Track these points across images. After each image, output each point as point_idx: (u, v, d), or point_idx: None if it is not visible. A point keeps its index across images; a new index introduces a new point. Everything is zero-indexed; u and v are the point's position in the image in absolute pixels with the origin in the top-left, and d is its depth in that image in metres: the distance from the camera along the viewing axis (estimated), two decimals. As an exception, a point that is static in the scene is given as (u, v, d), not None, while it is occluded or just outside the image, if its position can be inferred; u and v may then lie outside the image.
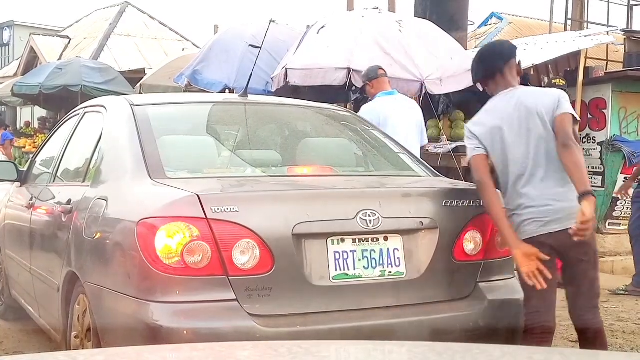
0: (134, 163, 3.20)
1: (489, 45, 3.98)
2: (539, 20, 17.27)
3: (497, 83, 3.54)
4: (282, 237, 2.82)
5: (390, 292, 3.02)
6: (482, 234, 3.21)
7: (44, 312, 3.97)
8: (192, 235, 2.72)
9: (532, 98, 3.42)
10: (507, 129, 3.37)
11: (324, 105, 4.58)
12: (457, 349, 1.74)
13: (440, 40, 8.05)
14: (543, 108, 3.34)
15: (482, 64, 3.63)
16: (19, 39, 28.72)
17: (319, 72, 7.48)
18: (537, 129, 3.33)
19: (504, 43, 3.87)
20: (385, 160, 4.02)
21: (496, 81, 3.55)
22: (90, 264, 3.20)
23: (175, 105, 4.17)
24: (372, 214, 2.95)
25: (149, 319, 2.71)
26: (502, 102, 3.47)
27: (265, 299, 2.79)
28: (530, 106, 3.36)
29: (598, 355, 2.35)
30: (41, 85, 13.17)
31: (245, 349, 1.76)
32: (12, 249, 4.73)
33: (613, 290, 6.29)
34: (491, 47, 3.87)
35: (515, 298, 3.28)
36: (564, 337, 4.78)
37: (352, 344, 2.08)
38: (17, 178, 4.70)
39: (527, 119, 3.35)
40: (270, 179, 3.44)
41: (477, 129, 3.47)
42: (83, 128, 4.12)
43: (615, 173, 8.78)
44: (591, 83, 8.97)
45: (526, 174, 3.32)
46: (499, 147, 3.39)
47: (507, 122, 3.39)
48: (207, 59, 9.70)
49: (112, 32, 19.38)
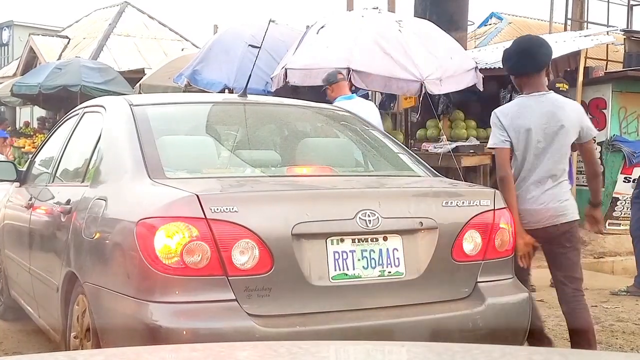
0: (133, 163, 3.20)
1: (536, 40, 3.97)
2: (539, 20, 17.28)
3: (534, 82, 3.77)
4: (281, 237, 2.82)
5: (390, 292, 3.01)
6: (482, 234, 3.21)
7: (43, 312, 3.97)
8: (191, 235, 2.72)
9: (561, 111, 3.73)
10: (534, 132, 3.70)
11: (324, 105, 4.58)
12: (456, 349, 1.74)
13: (440, 40, 8.05)
14: (570, 125, 3.71)
15: (527, 59, 3.76)
16: (18, 38, 28.71)
17: (319, 72, 7.48)
18: (559, 141, 3.71)
19: (547, 42, 3.90)
20: (384, 160, 4.02)
21: (533, 80, 3.77)
22: (89, 264, 3.20)
23: (175, 105, 4.17)
24: (372, 214, 2.95)
25: (148, 319, 2.71)
26: (535, 104, 3.74)
27: (264, 299, 2.78)
28: (560, 118, 3.70)
29: (598, 355, 2.35)
30: (40, 85, 13.17)
31: (245, 349, 1.76)
32: (11, 249, 4.73)
33: (614, 291, 6.28)
34: (538, 42, 3.89)
35: (515, 298, 3.28)
36: (563, 337, 4.78)
37: (352, 344, 2.08)
38: (16, 178, 4.70)
39: (553, 130, 3.70)
40: (269, 179, 3.43)
41: (506, 121, 3.75)
42: (82, 128, 4.12)
43: (615, 173, 8.79)
44: (591, 83, 8.98)
45: (535, 174, 3.75)
46: (522, 145, 3.74)
47: (535, 126, 3.70)
48: (207, 59, 9.71)
49: (112, 32, 19.38)
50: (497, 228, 3.24)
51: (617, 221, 8.83)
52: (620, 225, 8.81)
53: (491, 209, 3.25)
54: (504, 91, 8.98)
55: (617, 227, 8.82)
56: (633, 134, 8.93)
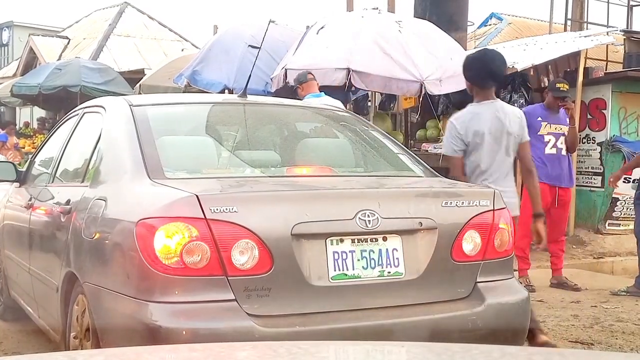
0: (133, 163, 3.20)
1: (498, 58, 4.42)
2: (539, 20, 17.28)
3: (486, 92, 4.34)
4: (281, 237, 2.82)
5: (389, 292, 3.01)
6: (481, 235, 3.21)
7: (43, 312, 3.97)
8: (191, 236, 2.72)
9: (506, 117, 4.31)
10: (487, 135, 4.25)
11: (323, 105, 4.58)
12: (456, 350, 1.74)
13: (440, 41, 8.05)
14: (513, 130, 4.31)
15: (486, 73, 4.31)
16: (18, 39, 28.75)
17: (319, 73, 7.48)
18: (505, 143, 4.28)
19: (505, 61, 4.48)
20: (384, 161, 4.02)
21: (486, 91, 4.34)
22: (89, 264, 3.20)
23: (175, 106, 4.17)
24: (371, 214, 2.95)
25: (148, 319, 2.71)
26: (487, 111, 4.29)
27: (264, 299, 2.78)
28: (505, 124, 4.28)
29: (598, 355, 2.35)
30: (40, 85, 13.19)
31: (244, 350, 1.76)
32: (11, 249, 4.73)
33: (613, 291, 6.28)
34: (500, 60, 4.40)
35: (515, 298, 3.28)
36: (563, 337, 4.78)
37: (351, 345, 2.08)
38: (16, 178, 4.70)
39: (501, 133, 4.28)
40: (269, 179, 3.43)
41: (462, 127, 4.28)
42: (82, 128, 4.12)
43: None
44: (591, 83, 8.98)
45: (488, 172, 4.24)
46: (477, 147, 4.26)
47: (488, 130, 4.25)
48: (207, 59, 9.71)
49: (112, 32, 19.41)
50: (496, 228, 3.24)
51: (616, 221, 8.83)
52: (620, 225, 8.81)
53: (490, 209, 3.25)
54: (504, 91, 8.98)
55: (617, 228, 8.82)
56: (633, 135, 8.93)
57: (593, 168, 8.88)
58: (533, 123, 6.42)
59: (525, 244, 6.48)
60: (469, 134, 4.24)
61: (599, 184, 8.77)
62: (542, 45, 9.37)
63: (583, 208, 8.93)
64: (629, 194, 8.04)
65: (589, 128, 8.99)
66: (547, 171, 6.35)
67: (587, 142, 8.98)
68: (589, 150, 8.96)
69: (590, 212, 8.95)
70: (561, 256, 6.66)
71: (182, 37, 20.63)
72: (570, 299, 6.04)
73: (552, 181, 6.39)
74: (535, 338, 4.06)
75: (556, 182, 6.42)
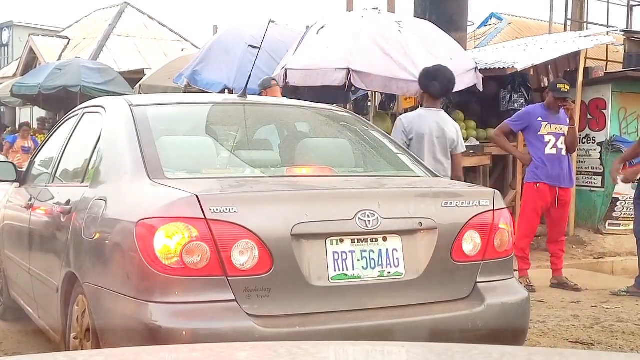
0: (133, 163, 3.19)
1: (450, 75, 5.44)
2: (539, 20, 17.28)
3: (434, 101, 5.37)
4: (281, 237, 2.82)
5: (389, 292, 3.01)
6: (481, 235, 3.21)
7: (43, 312, 3.97)
8: (191, 236, 2.72)
9: (446, 125, 5.27)
10: (428, 137, 5.14)
11: (323, 105, 4.58)
12: (456, 350, 1.74)
13: (440, 41, 8.05)
14: (449, 137, 5.23)
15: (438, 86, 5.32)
16: (18, 39, 28.75)
17: (319, 73, 7.49)
18: (441, 147, 5.18)
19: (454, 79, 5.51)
20: (384, 161, 4.01)
21: (434, 100, 5.37)
22: (89, 264, 3.19)
23: (174, 106, 4.17)
24: (371, 215, 2.94)
25: (148, 320, 2.71)
26: (432, 117, 5.25)
27: (264, 299, 2.78)
28: (445, 131, 5.22)
29: (598, 355, 2.35)
30: (40, 85, 13.17)
31: (245, 350, 1.76)
32: (11, 250, 4.72)
33: (614, 291, 6.28)
34: (449, 73, 5.44)
35: (515, 298, 3.28)
36: (563, 337, 4.78)
37: (351, 345, 2.08)
38: (16, 178, 4.70)
39: (440, 139, 5.19)
40: (269, 180, 3.43)
41: (409, 126, 5.21)
42: (82, 128, 4.12)
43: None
44: (591, 83, 8.97)
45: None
46: (420, 145, 5.10)
47: (429, 133, 5.15)
48: (207, 59, 9.71)
49: (112, 32, 19.40)
50: (496, 228, 3.24)
51: (616, 222, 8.83)
52: (620, 225, 8.81)
53: (490, 209, 3.25)
54: (504, 91, 8.98)
55: (617, 228, 8.82)
56: (633, 135, 8.92)
57: (593, 168, 8.88)
58: (533, 123, 6.43)
59: (526, 244, 6.49)
60: (412, 131, 5.16)
61: (599, 184, 8.78)
62: (542, 45, 9.37)
63: (583, 208, 8.93)
64: (629, 194, 8.03)
65: (589, 128, 8.99)
66: (547, 171, 6.35)
67: (587, 142, 8.98)
68: (589, 151, 8.96)
69: (590, 212, 8.95)
70: (561, 256, 6.66)
71: (182, 37, 20.62)
72: (570, 299, 6.04)
73: (552, 181, 6.39)
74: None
75: (556, 183, 6.42)
